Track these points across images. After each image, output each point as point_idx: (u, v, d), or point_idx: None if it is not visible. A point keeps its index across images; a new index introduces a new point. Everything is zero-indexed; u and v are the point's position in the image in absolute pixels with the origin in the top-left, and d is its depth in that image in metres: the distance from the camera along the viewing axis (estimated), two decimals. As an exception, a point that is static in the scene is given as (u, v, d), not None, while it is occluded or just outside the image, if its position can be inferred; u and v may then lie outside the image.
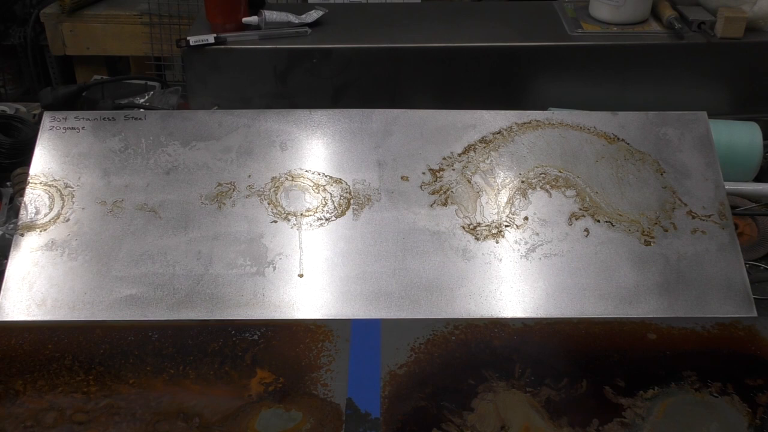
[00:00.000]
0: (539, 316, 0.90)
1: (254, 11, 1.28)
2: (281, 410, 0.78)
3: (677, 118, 1.06)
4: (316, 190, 1.00)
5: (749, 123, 1.16)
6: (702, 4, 1.30)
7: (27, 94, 2.25)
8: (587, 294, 0.92)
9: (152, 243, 0.94)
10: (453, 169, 1.01)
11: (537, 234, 0.96)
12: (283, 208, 0.98)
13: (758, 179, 1.16)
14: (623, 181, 1.01)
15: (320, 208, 0.98)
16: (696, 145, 1.04)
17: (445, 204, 0.99)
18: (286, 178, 1.01)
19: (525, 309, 0.91)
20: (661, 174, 1.01)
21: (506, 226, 0.97)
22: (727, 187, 1.01)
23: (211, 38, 1.22)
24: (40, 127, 1.04)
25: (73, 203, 0.98)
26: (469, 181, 1.00)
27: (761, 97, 1.29)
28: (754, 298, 0.92)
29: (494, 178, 1.01)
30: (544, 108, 1.22)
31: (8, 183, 1.13)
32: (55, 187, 0.99)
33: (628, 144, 1.04)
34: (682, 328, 0.89)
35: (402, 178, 1.01)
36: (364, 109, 1.07)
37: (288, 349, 0.85)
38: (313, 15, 1.29)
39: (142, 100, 1.33)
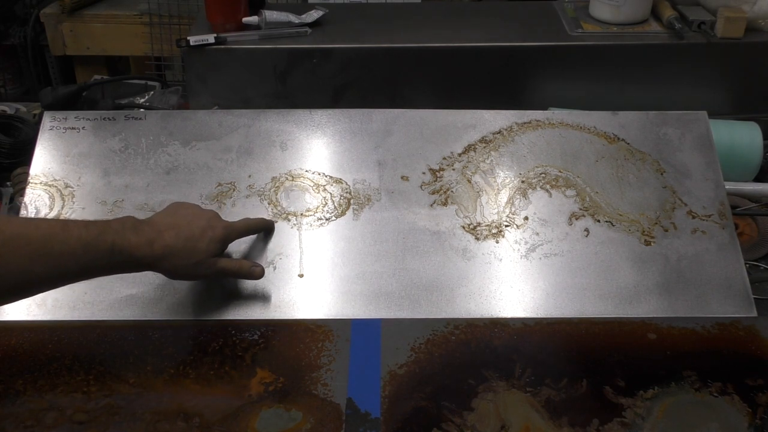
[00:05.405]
0: (539, 316, 0.90)
1: (254, 11, 1.28)
2: (281, 410, 0.78)
3: (677, 118, 1.06)
4: (316, 190, 1.00)
5: (749, 123, 1.16)
6: (702, 4, 1.30)
7: (27, 94, 2.25)
8: (587, 294, 0.92)
9: (152, 243, 0.94)
10: (453, 169, 1.01)
11: (537, 234, 0.96)
12: (284, 208, 0.98)
13: (758, 179, 1.16)
14: (623, 181, 1.01)
15: (320, 208, 0.98)
16: (696, 145, 1.04)
17: (445, 204, 0.99)
18: (287, 178, 1.01)
19: (525, 309, 0.91)
20: (661, 174, 1.01)
21: (506, 226, 0.97)
22: (727, 187, 1.01)
23: (211, 38, 1.22)
24: (40, 127, 1.04)
25: (74, 203, 0.98)
26: (469, 181, 1.00)
27: (761, 97, 1.29)
28: (754, 298, 0.91)
29: (494, 177, 1.01)
30: (544, 108, 1.22)
31: (8, 183, 1.13)
32: (56, 187, 0.99)
33: (628, 144, 1.04)
34: (682, 328, 0.89)
35: (402, 178, 1.01)
36: (364, 109, 1.07)
37: (288, 349, 0.85)
38: (313, 15, 1.29)
39: (142, 100, 1.33)
